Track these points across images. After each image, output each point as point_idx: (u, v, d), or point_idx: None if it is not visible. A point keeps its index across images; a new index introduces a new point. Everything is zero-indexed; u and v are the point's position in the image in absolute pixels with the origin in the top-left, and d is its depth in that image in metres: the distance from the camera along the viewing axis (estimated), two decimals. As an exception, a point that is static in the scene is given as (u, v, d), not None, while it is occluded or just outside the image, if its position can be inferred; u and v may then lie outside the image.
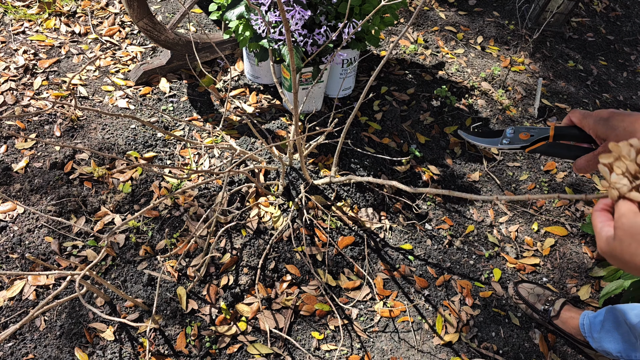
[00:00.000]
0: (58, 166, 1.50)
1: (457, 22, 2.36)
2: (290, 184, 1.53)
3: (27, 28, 1.92)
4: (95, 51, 1.89)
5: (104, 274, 1.31)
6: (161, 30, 1.60)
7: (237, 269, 1.36)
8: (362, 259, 1.44)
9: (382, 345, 1.30)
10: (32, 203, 1.41)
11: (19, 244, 1.33)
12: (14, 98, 1.64)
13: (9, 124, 1.57)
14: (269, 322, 1.28)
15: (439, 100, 1.93)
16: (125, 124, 1.65)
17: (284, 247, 1.41)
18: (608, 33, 2.54)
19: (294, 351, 1.26)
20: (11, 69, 1.74)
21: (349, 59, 1.65)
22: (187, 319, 1.27)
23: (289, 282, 1.36)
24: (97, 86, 1.77)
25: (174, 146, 1.63)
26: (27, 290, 1.26)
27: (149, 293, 1.29)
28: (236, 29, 1.47)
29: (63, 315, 1.23)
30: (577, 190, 1.74)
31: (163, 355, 1.21)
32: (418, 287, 1.41)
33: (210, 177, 1.47)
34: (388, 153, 1.70)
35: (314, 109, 1.77)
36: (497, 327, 1.37)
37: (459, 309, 1.38)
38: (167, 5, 2.15)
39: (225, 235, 1.41)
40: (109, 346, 1.20)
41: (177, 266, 1.34)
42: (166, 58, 1.79)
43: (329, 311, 1.33)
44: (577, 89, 2.16)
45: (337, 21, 1.45)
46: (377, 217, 1.54)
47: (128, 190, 1.46)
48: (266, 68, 1.78)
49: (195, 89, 1.82)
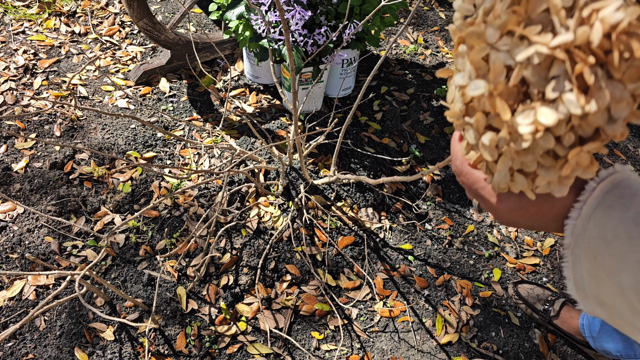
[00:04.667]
0: (58, 166, 1.50)
1: (457, 22, 2.36)
2: (290, 183, 1.53)
3: (27, 28, 1.92)
4: (95, 51, 1.89)
5: (103, 274, 1.31)
6: (161, 30, 1.60)
7: (237, 268, 1.36)
8: (362, 259, 1.44)
9: (382, 345, 1.30)
10: (32, 203, 1.41)
11: (19, 244, 1.33)
12: (14, 98, 1.64)
13: (8, 124, 1.57)
14: (269, 322, 1.28)
15: (439, 100, 1.93)
16: (125, 123, 1.65)
17: (284, 247, 1.41)
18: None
19: (294, 351, 1.26)
20: (11, 68, 1.74)
21: (349, 59, 1.65)
22: (187, 319, 1.27)
23: (288, 282, 1.36)
24: (97, 86, 1.77)
25: (174, 146, 1.63)
26: (27, 290, 1.26)
27: (148, 293, 1.29)
28: (236, 28, 1.47)
29: (63, 315, 1.23)
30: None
31: (163, 355, 1.21)
32: (418, 287, 1.41)
33: (210, 177, 1.47)
34: (388, 153, 1.70)
35: (314, 109, 1.77)
36: (497, 327, 1.37)
37: (459, 309, 1.38)
38: (167, 5, 2.15)
39: (225, 235, 1.41)
40: (109, 346, 1.20)
41: (177, 266, 1.34)
42: (166, 58, 1.79)
43: (329, 311, 1.33)
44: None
45: (337, 21, 1.45)
46: (377, 217, 1.54)
47: (128, 190, 1.46)
48: (266, 68, 1.78)
49: (195, 88, 1.82)
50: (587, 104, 0.29)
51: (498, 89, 0.32)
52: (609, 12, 0.28)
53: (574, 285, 0.39)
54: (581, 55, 0.29)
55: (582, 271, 0.37)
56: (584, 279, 0.37)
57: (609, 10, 0.28)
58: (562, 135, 0.32)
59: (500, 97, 0.32)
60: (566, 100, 0.30)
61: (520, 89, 0.32)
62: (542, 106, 0.31)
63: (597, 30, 0.28)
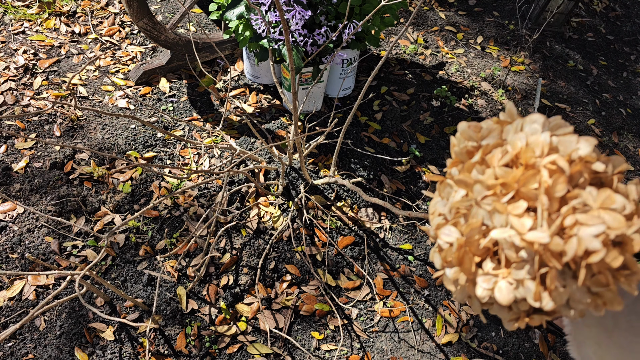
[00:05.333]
0: (58, 166, 1.50)
1: (457, 22, 2.36)
2: (290, 183, 1.53)
3: (27, 28, 1.92)
4: (95, 51, 1.89)
5: (103, 274, 1.31)
6: (161, 30, 1.60)
7: (237, 269, 1.36)
8: (362, 259, 1.44)
9: (382, 345, 1.30)
10: (32, 203, 1.41)
11: (19, 244, 1.33)
12: (14, 98, 1.64)
13: (8, 124, 1.57)
14: (268, 322, 1.28)
15: (439, 100, 1.93)
16: (125, 123, 1.65)
17: (284, 247, 1.41)
18: (608, 33, 2.54)
19: (294, 351, 1.26)
20: (11, 68, 1.74)
21: (349, 59, 1.65)
22: (187, 318, 1.27)
23: (288, 282, 1.36)
24: (97, 86, 1.77)
25: (174, 146, 1.63)
26: (27, 290, 1.26)
27: (148, 293, 1.29)
28: (236, 28, 1.47)
29: (63, 315, 1.23)
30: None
31: (163, 355, 1.21)
32: (418, 287, 1.41)
33: (210, 177, 1.47)
34: (388, 153, 1.70)
35: (314, 108, 1.77)
36: (497, 326, 1.37)
37: (459, 309, 1.38)
38: (166, 5, 2.15)
39: (225, 235, 1.41)
40: (109, 346, 1.20)
41: (177, 266, 1.34)
42: (166, 58, 1.79)
43: (329, 311, 1.33)
44: (577, 88, 2.16)
45: (337, 21, 1.45)
46: (377, 217, 1.54)
47: (128, 190, 1.46)
48: (266, 68, 1.78)
49: (195, 88, 1.82)
50: (544, 300, 0.29)
51: (469, 244, 0.32)
52: (588, 235, 0.28)
53: None
54: (550, 260, 0.29)
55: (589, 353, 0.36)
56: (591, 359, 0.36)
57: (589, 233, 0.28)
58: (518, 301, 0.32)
59: (470, 250, 0.32)
60: (526, 287, 0.29)
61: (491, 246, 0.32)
62: (502, 279, 0.30)
63: (572, 247, 0.28)
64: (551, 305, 0.29)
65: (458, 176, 0.33)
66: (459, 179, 0.33)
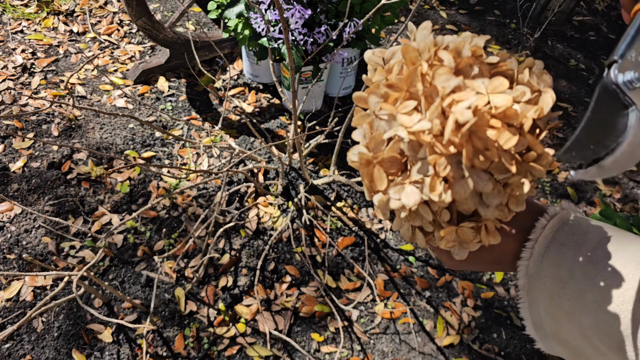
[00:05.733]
0: (56, 166, 1.49)
1: (458, 21, 2.35)
2: (289, 183, 1.52)
3: (25, 27, 1.91)
4: (94, 50, 1.88)
5: (101, 275, 1.30)
6: (160, 29, 1.59)
7: (236, 270, 1.35)
8: (363, 259, 1.43)
9: (382, 347, 1.29)
10: (30, 203, 1.40)
11: (16, 245, 1.31)
12: (12, 97, 1.63)
13: (6, 124, 1.56)
14: (268, 323, 1.27)
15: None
16: (124, 123, 1.64)
17: (284, 247, 1.40)
18: (610, 32, 2.53)
19: (293, 353, 1.25)
20: (9, 68, 1.73)
21: (349, 57, 1.64)
22: (185, 320, 1.26)
23: (288, 283, 1.35)
24: (95, 85, 1.76)
25: (173, 146, 1.62)
26: (25, 291, 1.25)
27: (147, 294, 1.28)
28: (235, 27, 1.45)
29: (61, 317, 1.22)
30: (578, 190, 1.73)
31: (161, 357, 1.20)
32: (419, 289, 1.40)
33: (209, 177, 1.46)
34: (388, 153, 1.69)
35: (314, 108, 1.76)
36: (498, 328, 1.36)
37: (461, 310, 1.37)
38: (165, 4, 2.14)
39: (224, 235, 1.40)
40: (107, 348, 1.19)
41: (176, 267, 1.32)
42: (165, 57, 1.78)
43: (329, 313, 1.32)
44: (579, 88, 2.14)
45: (338, 20, 1.44)
46: (377, 218, 1.53)
47: (126, 190, 1.45)
48: (265, 67, 1.77)
49: (194, 88, 1.80)
50: (444, 192, 0.28)
51: (378, 158, 0.31)
52: (460, 108, 0.27)
53: (532, 325, 0.37)
54: (438, 146, 0.28)
55: (539, 311, 0.36)
56: (542, 319, 0.36)
57: (462, 106, 0.27)
58: (438, 211, 0.31)
59: (381, 165, 0.31)
60: (427, 185, 0.29)
61: (400, 158, 0.31)
62: (409, 185, 0.30)
63: (449, 126, 0.27)
64: (449, 197, 0.28)
65: (355, 94, 0.32)
66: (356, 96, 0.32)
